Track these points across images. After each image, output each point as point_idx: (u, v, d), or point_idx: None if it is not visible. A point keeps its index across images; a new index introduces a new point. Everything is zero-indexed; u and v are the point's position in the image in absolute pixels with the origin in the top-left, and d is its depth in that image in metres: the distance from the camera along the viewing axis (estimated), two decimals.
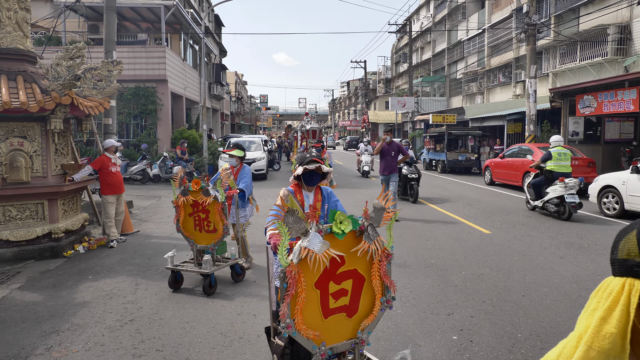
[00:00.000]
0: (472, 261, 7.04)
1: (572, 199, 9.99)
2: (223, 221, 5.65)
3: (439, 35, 41.24)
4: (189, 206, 5.75)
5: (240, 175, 6.64)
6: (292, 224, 2.57)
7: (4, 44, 7.38)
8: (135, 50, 20.48)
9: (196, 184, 5.59)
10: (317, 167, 3.59)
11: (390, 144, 10.36)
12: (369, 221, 2.74)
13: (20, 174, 7.19)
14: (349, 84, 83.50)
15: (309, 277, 2.62)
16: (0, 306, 5.28)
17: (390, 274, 2.88)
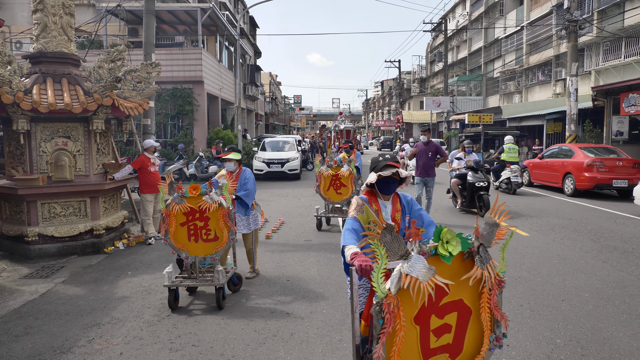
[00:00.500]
0: (508, 264, 6.89)
1: (515, 179, 14.09)
2: (229, 227, 5.24)
3: (476, 33, 40.50)
4: (181, 215, 5.16)
5: (240, 180, 6.04)
6: (390, 243, 2.17)
7: (50, 48, 7.68)
8: (172, 53, 20.95)
9: (194, 190, 5.13)
10: (394, 173, 3.10)
11: (428, 144, 9.71)
12: (480, 240, 2.26)
13: (65, 172, 7.46)
14: (382, 84, 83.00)
15: (408, 311, 2.17)
16: (45, 299, 5.50)
17: (501, 305, 2.41)
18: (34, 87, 7.12)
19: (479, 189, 10.75)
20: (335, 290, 5.72)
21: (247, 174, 6.13)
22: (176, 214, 5.15)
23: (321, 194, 9.17)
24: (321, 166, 9.14)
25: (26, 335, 4.50)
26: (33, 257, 7.21)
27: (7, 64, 7.01)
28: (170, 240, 5.20)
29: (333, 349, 4.18)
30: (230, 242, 5.29)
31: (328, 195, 9.15)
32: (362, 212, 2.96)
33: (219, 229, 5.23)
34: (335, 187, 9.08)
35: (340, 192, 9.09)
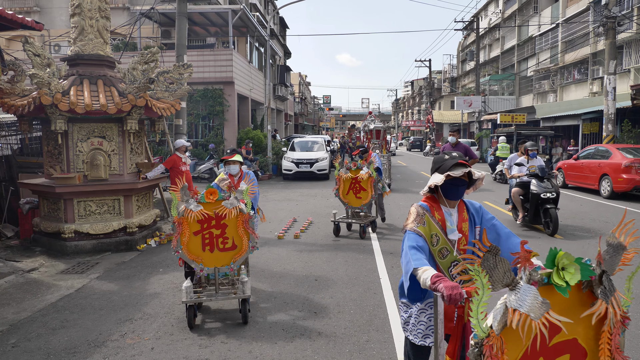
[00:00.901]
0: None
1: None
2: (249, 234, 4.84)
3: (509, 31, 39.71)
4: (195, 223, 4.69)
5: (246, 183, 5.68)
6: (492, 269, 1.77)
7: (87, 50, 7.92)
8: (204, 54, 21.28)
9: (211, 195, 4.68)
10: (465, 174, 2.62)
11: (457, 145, 9.09)
12: (602, 267, 1.80)
13: (100, 171, 7.68)
14: (413, 84, 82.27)
15: (512, 352, 1.77)
16: (81, 294, 5.68)
17: (623, 347, 1.90)
18: (71, 88, 7.35)
19: (545, 202, 8.84)
20: (363, 291, 5.71)
21: (251, 176, 5.91)
22: (190, 221, 4.68)
23: (340, 198, 8.69)
24: (340, 168, 8.67)
25: (62, 328, 4.65)
26: (69, 253, 7.44)
27: (47, 67, 7.26)
28: (183, 251, 4.69)
29: (360, 349, 4.17)
30: (250, 250, 4.88)
31: (347, 200, 8.67)
32: (424, 224, 2.54)
33: (237, 236, 4.82)
34: (355, 191, 8.59)
35: (360, 197, 8.58)
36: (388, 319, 4.83)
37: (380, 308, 5.15)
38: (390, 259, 7.15)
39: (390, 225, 9.74)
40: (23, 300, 5.47)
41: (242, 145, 20.48)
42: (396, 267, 6.73)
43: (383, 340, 4.36)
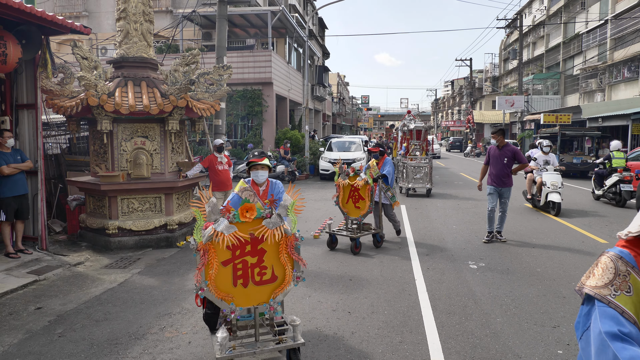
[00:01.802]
0: (584, 272, 6.51)
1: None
2: (293, 261, 3.79)
3: (554, 28, 38.49)
4: (224, 251, 3.57)
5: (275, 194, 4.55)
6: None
7: (131, 53, 8.20)
8: (243, 55, 21.62)
9: (248, 212, 3.57)
10: None
11: (503, 148, 8.19)
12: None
13: (142, 170, 7.94)
14: (453, 83, 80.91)
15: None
16: (123, 288, 5.89)
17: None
18: (117, 90, 7.63)
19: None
20: (398, 292, 5.68)
21: (280, 187, 4.72)
22: (219, 248, 3.56)
23: (340, 207, 7.88)
24: (340, 174, 7.78)
25: (105, 320, 4.84)
26: (113, 248, 7.72)
27: (94, 69, 7.56)
28: (209, 288, 3.55)
29: (393, 350, 4.16)
30: (295, 282, 3.81)
31: (347, 209, 7.84)
32: (629, 291, 1.40)
33: (278, 264, 3.75)
34: (354, 200, 7.75)
35: (358, 206, 7.72)
36: (422, 321, 4.79)
37: (415, 309, 5.12)
38: (426, 261, 7.08)
39: (427, 226, 9.64)
40: (69, 292, 5.73)
41: (281, 145, 20.69)
42: (432, 269, 6.66)
43: (416, 341, 4.33)
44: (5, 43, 6.54)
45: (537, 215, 10.92)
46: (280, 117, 24.47)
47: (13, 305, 5.29)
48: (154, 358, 4.02)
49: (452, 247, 7.91)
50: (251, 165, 4.51)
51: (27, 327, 4.68)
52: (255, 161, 4.49)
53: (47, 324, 4.75)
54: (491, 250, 7.72)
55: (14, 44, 6.69)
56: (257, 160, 4.49)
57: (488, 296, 5.55)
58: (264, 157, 4.58)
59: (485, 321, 4.81)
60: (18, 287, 5.78)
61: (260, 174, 4.50)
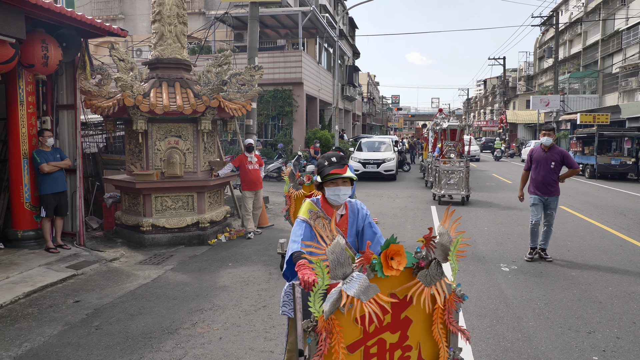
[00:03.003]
0: (621, 277, 6.33)
1: None
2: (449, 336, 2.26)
3: (592, 25, 37.38)
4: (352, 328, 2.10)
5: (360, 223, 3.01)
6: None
7: (165, 54, 8.39)
8: (274, 56, 21.80)
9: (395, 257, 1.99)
10: None
11: (550, 150, 7.05)
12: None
13: (175, 169, 8.11)
14: (485, 82, 79.52)
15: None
16: (156, 283, 6.05)
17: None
18: (151, 90, 7.83)
19: None
20: None
21: (366, 212, 3.07)
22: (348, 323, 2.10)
23: (291, 221, 6.25)
24: (290, 183, 6.28)
25: (140, 315, 4.98)
26: (147, 245, 7.92)
27: (130, 70, 7.78)
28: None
29: None
30: None
31: None
32: None
33: (429, 341, 2.27)
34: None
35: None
36: None
37: None
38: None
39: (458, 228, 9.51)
40: (105, 287, 5.92)
41: (310, 145, 20.78)
42: (462, 271, 6.58)
43: None
44: (47, 46, 6.80)
45: (572, 218, 10.64)
46: (310, 117, 24.57)
47: (53, 298, 5.50)
48: (186, 352, 4.11)
49: (484, 249, 7.80)
50: (329, 178, 2.83)
51: (66, 319, 4.86)
52: (337, 172, 2.80)
53: (84, 317, 4.92)
54: (524, 253, 7.57)
55: (55, 47, 6.94)
56: (339, 172, 2.80)
57: (520, 299, 5.46)
58: (346, 167, 2.92)
59: (517, 325, 4.73)
60: (57, 280, 6.00)
61: (343, 192, 2.84)
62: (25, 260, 6.72)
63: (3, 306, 5.17)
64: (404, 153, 26.14)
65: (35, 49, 6.70)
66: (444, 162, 13.13)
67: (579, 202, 12.96)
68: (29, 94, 7.34)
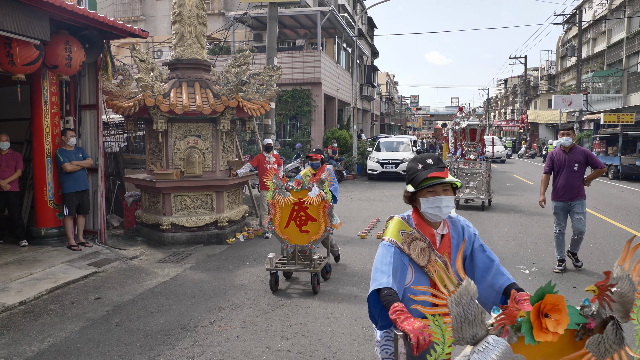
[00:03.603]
0: None
1: None
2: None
3: (616, 23, 36.60)
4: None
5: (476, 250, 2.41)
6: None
7: (185, 55, 8.48)
8: (293, 56, 21.85)
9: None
10: None
11: (572, 150, 6.48)
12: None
13: (195, 168, 8.19)
14: (506, 82, 78.48)
15: None
16: (175, 282, 6.12)
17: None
18: (171, 91, 7.92)
19: None
20: None
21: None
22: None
23: (276, 232, 5.86)
24: (275, 190, 5.80)
25: (159, 312, 5.05)
26: (166, 243, 8.02)
27: (150, 71, 7.88)
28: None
29: None
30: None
31: (287, 235, 5.84)
32: None
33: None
34: (299, 222, 5.82)
35: (306, 230, 5.81)
36: None
37: None
38: None
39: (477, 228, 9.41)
40: (126, 284, 6.01)
41: (328, 145, 20.78)
42: None
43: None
44: (70, 47, 6.93)
45: (595, 219, 10.44)
46: (328, 116, 24.56)
47: (75, 294, 5.60)
48: (204, 350, 4.15)
49: (503, 250, 7.70)
50: (425, 185, 2.21)
51: (87, 315, 4.95)
52: (438, 176, 2.18)
53: (105, 314, 5.00)
54: (544, 254, 7.46)
55: (78, 48, 7.07)
56: (439, 175, 2.19)
57: None
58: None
59: None
60: (79, 277, 6.12)
61: (446, 204, 2.22)
62: (48, 257, 6.86)
63: (27, 302, 5.29)
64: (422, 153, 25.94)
65: (59, 51, 6.84)
66: (463, 163, 12.45)
67: (602, 204, 12.70)
68: (53, 95, 7.49)
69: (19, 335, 4.47)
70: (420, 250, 2.27)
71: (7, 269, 6.26)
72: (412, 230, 2.30)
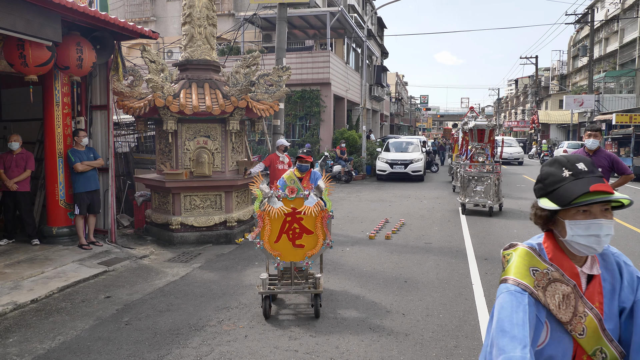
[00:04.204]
0: None
1: None
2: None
3: (629, 23, 36.22)
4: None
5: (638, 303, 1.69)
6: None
7: (195, 56, 8.52)
8: (302, 56, 21.87)
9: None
10: None
11: (596, 154, 5.83)
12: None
13: (204, 168, 8.24)
14: (517, 82, 77.95)
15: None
16: (184, 281, 6.15)
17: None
18: (181, 91, 7.97)
19: None
20: (454, 296, 5.58)
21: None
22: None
23: (265, 248, 5.00)
24: (264, 198, 4.98)
25: (168, 311, 5.08)
26: (175, 243, 8.07)
27: (161, 72, 7.93)
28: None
29: (448, 354, 4.10)
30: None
31: (279, 251, 5.02)
32: None
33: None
34: (293, 235, 5.04)
35: (301, 244, 5.04)
36: (478, 326, 4.69)
37: (471, 314, 5.01)
38: (484, 265, 6.90)
39: (487, 230, 9.38)
40: (135, 283, 6.06)
41: (337, 145, 20.78)
42: (490, 273, 6.48)
43: (472, 347, 4.25)
44: (81, 49, 7.00)
45: None
46: (337, 117, 24.55)
47: (85, 293, 5.66)
48: (212, 349, 4.18)
49: None
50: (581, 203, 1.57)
51: (97, 314, 5.00)
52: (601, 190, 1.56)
53: (115, 312, 5.05)
54: None
55: (89, 49, 7.14)
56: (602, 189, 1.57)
57: None
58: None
59: None
60: (90, 276, 6.18)
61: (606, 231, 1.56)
62: (59, 256, 6.94)
63: (38, 300, 5.35)
64: (432, 154, 25.83)
65: (71, 52, 6.91)
66: (469, 166, 11.60)
67: None
68: (64, 95, 7.57)
69: (30, 333, 4.53)
70: (562, 299, 1.56)
71: (19, 267, 6.34)
72: (547, 268, 1.59)
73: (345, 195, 14.74)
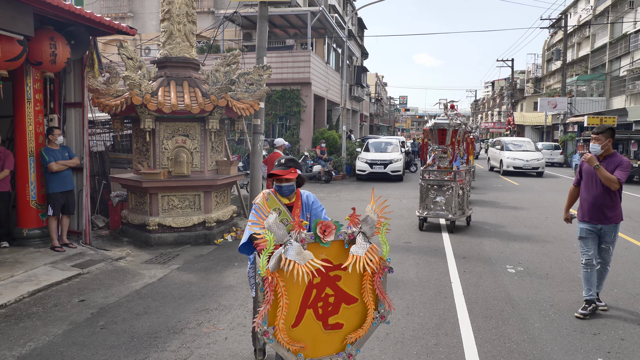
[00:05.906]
0: (626, 279, 6.27)
1: None
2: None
3: (600, 28, 37.09)
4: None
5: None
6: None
7: (174, 53, 8.38)
8: (283, 55, 21.78)
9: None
10: None
11: (607, 159, 5.01)
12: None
13: (182, 168, 8.10)
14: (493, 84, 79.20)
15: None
16: (162, 283, 6.03)
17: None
18: (159, 89, 7.82)
19: None
20: (434, 294, 5.59)
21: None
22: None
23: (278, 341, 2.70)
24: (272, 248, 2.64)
25: (145, 314, 4.96)
26: (153, 244, 7.91)
27: (138, 69, 7.77)
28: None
29: (428, 352, 4.10)
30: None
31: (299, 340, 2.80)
32: None
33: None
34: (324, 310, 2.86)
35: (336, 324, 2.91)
36: (458, 324, 4.71)
37: (451, 312, 5.03)
38: (463, 263, 6.94)
39: (465, 229, 9.45)
40: (111, 286, 5.91)
41: (317, 145, 20.75)
42: (469, 272, 6.53)
43: (452, 344, 4.26)
44: (55, 44, 6.81)
45: None
46: (317, 117, 24.53)
47: (58, 297, 5.49)
48: (192, 352, 4.09)
49: (490, 251, 7.73)
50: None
51: (71, 318, 4.85)
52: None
53: (89, 316, 4.91)
54: (530, 254, 7.50)
55: (63, 45, 6.95)
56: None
57: (526, 301, 5.41)
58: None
59: (523, 326, 4.68)
60: (63, 279, 6.00)
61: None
62: (30, 258, 6.73)
63: (7, 305, 5.17)
64: (410, 154, 26.04)
65: (44, 47, 6.71)
66: (428, 174, 9.59)
67: None
68: (37, 92, 7.35)
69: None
70: None
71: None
72: None
73: (325, 195, 14.71)
